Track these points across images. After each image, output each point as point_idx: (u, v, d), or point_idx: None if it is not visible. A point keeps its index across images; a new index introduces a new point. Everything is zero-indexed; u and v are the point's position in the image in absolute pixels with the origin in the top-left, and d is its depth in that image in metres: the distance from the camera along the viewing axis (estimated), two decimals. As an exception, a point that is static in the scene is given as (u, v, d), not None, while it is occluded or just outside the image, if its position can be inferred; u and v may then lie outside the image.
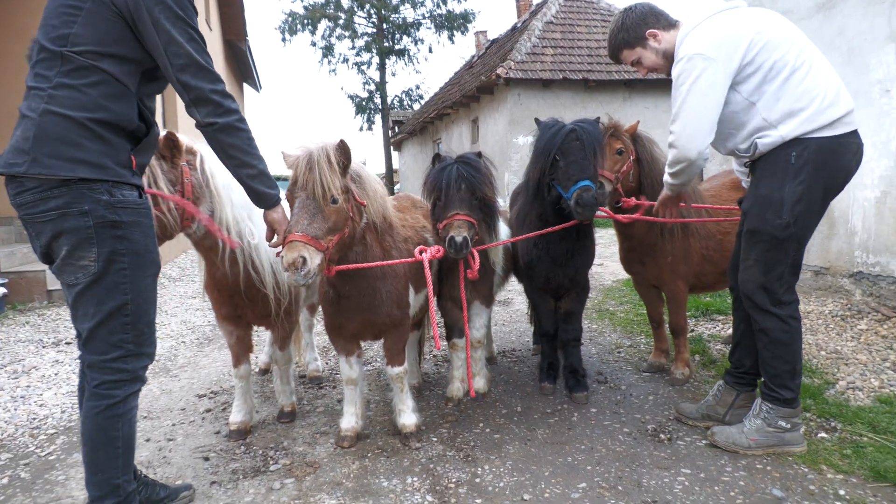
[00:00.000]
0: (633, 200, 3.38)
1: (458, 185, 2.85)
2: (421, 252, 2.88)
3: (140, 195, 2.05)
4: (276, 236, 2.40)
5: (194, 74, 1.94)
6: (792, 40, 2.53)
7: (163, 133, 2.39)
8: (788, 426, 2.71)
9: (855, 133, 2.52)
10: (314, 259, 2.30)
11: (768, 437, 2.72)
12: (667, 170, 2.86)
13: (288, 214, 2.45)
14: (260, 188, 2.18)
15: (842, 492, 2.41)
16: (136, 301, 2.02)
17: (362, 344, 3.13)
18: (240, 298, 2.93)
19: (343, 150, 2.47)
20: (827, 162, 2.46)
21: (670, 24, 2.80)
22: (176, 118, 10.25)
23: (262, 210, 2.33)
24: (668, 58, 2.80)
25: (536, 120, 3.38)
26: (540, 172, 3.14)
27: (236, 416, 3.15)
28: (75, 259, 1.92)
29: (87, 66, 1.87)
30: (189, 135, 2.63)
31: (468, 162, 2.94)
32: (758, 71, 2.51)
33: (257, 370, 4.18)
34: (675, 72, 2.65)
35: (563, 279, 3.37)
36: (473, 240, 2.87)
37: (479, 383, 3.59)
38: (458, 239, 2.77)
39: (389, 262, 2.78)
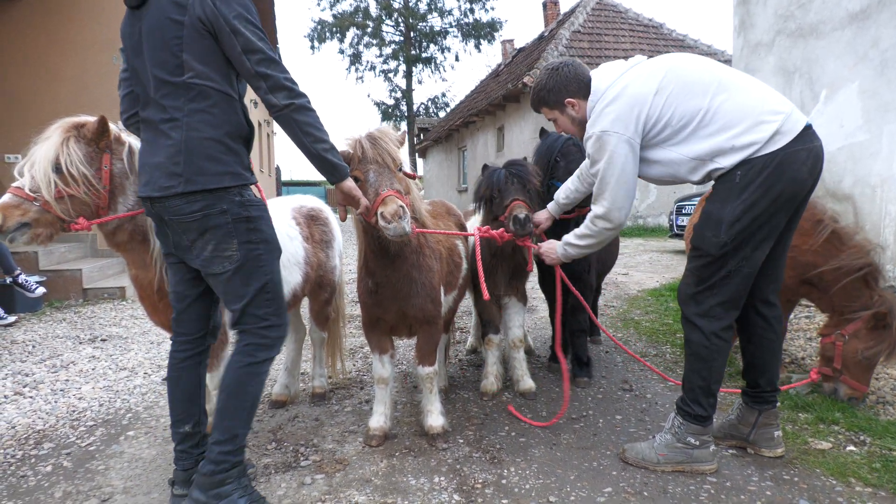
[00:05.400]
0: None
1: (511, 180, 3.27)
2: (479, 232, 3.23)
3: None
4: (360, 205, 2.53)
5: (268, 66, 2.16)
6: (699, 83, 2.54)
7: (94, 118, 2.42)
8: (697, 443, 2.69)
9: (800, 139, 2.44)
10: (409, 210, 2.48)
11: (677, 452, 2.71)
12: (584, 241, 2.90)
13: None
14: (334, 160, 2.35)
15: (870, 504, 2.41)
16: (274, 280, 2.38)
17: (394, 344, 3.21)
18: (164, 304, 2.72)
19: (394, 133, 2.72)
20: (773, 178, 2.42)
21: (589, 90, 2.78)
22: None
23: (336, 183, 2.44)
24: (584, 125, 2.85)
25: (542, 129, 3.83)
26: (543, 169, 3.59)
27: None
28: (220, 251, 2.24)
29: (204, 89, 2.18)
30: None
31: (516, 163, 3.36)
32: (668, 126, 2.56)
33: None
34: (587, 149, 2.73)
35: (564, 274, 3.47)
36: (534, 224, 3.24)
37: (528, 383, 3.72)
38: (521, 215, 3.10)
39: (448, 232, 3.17)
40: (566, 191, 3.37)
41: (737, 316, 2.69)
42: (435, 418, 3.10)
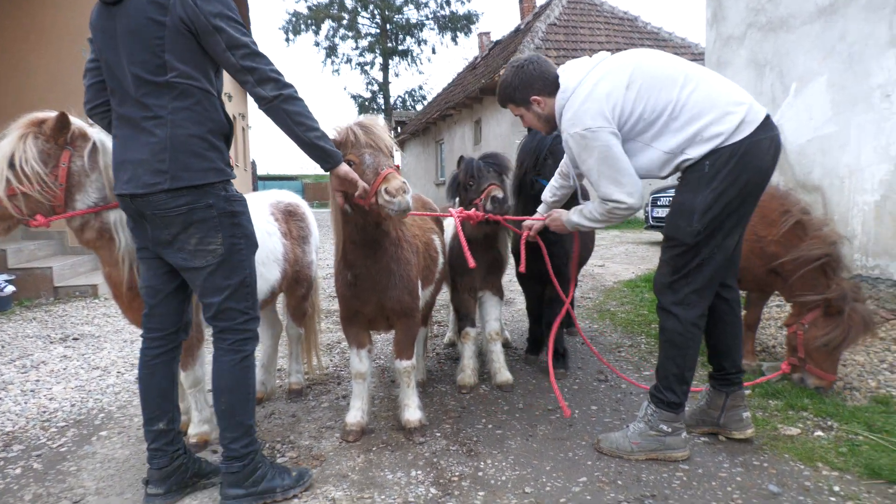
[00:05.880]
0: None
1: (488, 168, 3.43)
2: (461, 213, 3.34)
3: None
4: (357, 188, 2.48)
5: (254, 59, 2.17)
6: (666, 76, 2.59)
7: (54, 113, 2.38)
8: (670, 430, 2.75)
9: (763, 126, 2.52)
10: (410, 186, 2.50)
11: (650, 440, 2.76)
12: (595, 224, 2.89)
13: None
14: (328, 147, 2.35)
15: (836, 488, 2.47)
16: (252, 275, 2.43)
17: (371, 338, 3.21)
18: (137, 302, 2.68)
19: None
20: (741, 166, 2.48)
21: (555, 88, 2.81)
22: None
23: (331, 169, 2.42)
24: (550, 122, 2.91)
25: (529, 129, 3.71)
26: (531, 166, 3.63)
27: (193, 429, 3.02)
28: (205, 245, 2.26)
29: (187, 87, 2.18)
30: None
31: (490, 154, 3.53)
32: (641, 120, 2.60)
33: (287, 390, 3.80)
34: (571, 149, 2.74)
35: (543, 268, 3.58)
36: (506, 208, 3.36)
37: (505, 376, 3.75)
38: (500, 195, 3.27)
39: (427, 213, 3.32)
40: (552, 189, 3.39)
41: (710, 303, 2.74)
42: (412, 412, 3.10)
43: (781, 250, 3.40)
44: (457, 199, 3.65)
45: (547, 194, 3.43)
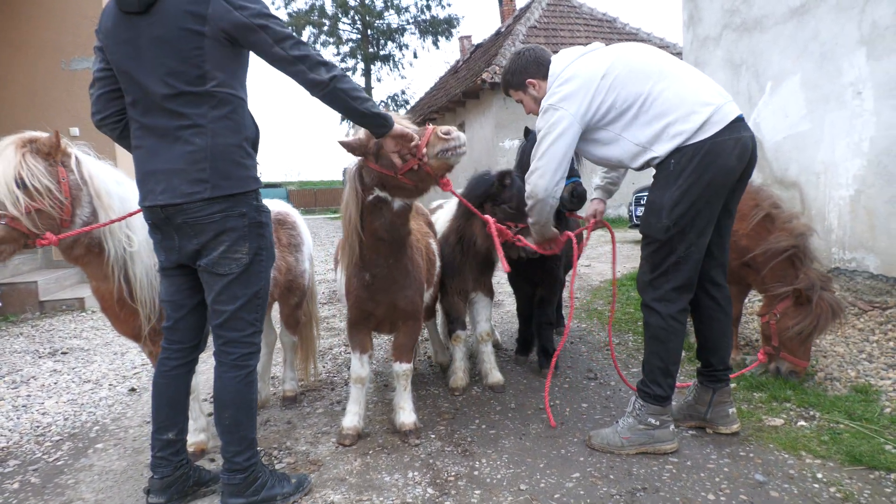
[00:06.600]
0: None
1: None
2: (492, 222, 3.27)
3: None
4: (413, 140, 2.53)
5: (300, 48, 2.16)
6: (643, 70, 2.72)
7: (47, 134, 2.41)
8: (658, 423, 2.83)
9: (729, 128, 2.60)
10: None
11: (639, 434, 2.84)
12: (527, 198, 3.09)
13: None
14: (382, 112, 2.37)
15: (819, 475, 2.56)
16: (266, 287, 2.45)
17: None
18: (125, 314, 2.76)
19: None
20: (704, 165, 2.58)
21: (548, 72, 2.95)
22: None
23: (387, 132, 2.44)
24: None
25: (526, 129, 3.81)
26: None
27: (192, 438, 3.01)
28: (232, 253, 2.28)
29: (226, 96, 2.21)
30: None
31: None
32: (613, 109, 2.74)
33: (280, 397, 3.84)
34: (537, 124, 2.92)
35: (535, 270, 3.67)
36: None
37: (496, 377, 3.81)
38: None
39: (468, 203, 3.34)
40: (601, 175, 3.47)
41: (690, 299, 2.83)
42: (407, 415, 3.15)
43: (752, 244, 3.52)
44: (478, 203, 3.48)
45: (597, 179, 3.53)
